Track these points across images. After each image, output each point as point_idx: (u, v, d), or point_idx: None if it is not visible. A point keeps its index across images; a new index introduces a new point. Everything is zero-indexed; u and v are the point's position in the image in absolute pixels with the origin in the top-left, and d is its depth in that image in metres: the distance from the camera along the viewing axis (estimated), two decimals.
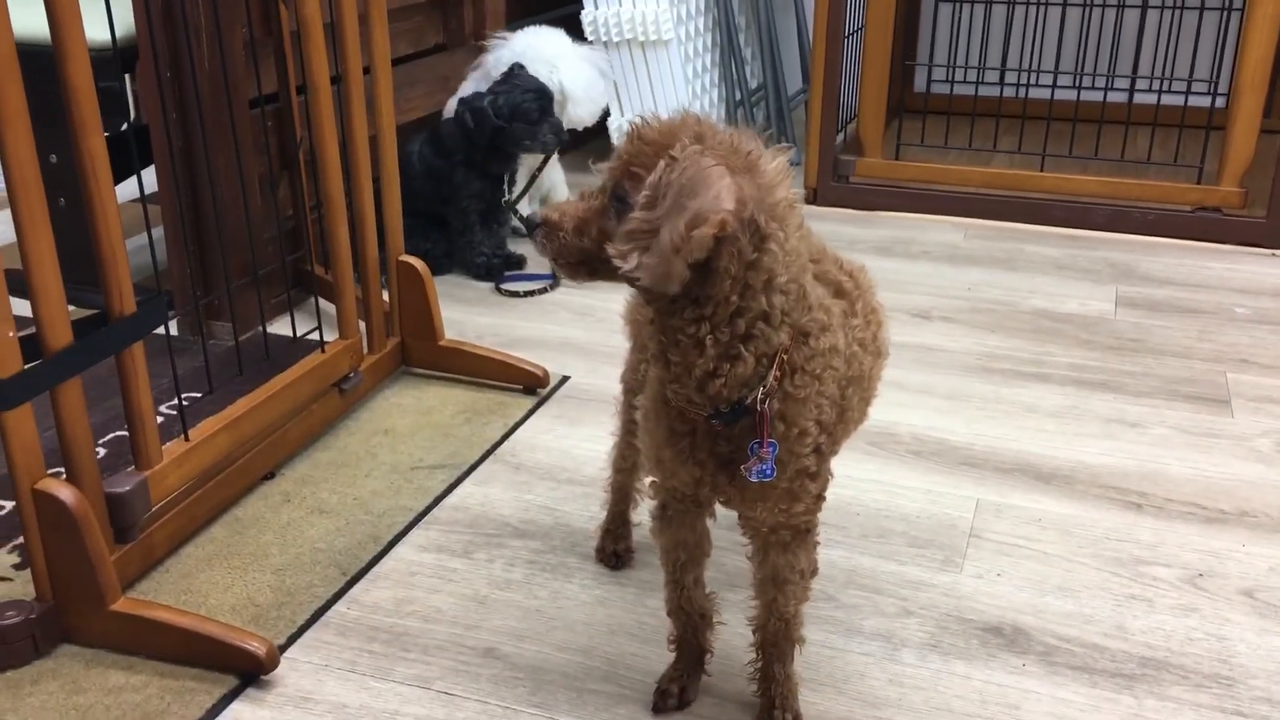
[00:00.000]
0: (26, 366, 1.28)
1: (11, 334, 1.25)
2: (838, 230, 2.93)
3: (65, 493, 1.31)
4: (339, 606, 1.46)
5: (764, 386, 1.01)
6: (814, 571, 1.18)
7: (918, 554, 1.56)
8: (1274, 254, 2.74)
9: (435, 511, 1.67)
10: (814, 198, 3.10)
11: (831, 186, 3.07)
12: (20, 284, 1.29)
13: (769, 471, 1.05)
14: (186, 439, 1.56)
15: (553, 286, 2.52)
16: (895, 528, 1.62)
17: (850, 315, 1.13)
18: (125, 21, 2.13)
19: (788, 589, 1.16)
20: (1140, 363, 2.16)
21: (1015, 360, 2.17)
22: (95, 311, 1.43)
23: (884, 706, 1.28)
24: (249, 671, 1.33)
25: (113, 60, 2.12)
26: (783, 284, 0.97)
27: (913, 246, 2.81)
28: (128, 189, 1.82)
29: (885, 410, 1.96)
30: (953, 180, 2.99)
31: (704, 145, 0.93)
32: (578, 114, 2.77)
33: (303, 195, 2.32)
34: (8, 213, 1.26)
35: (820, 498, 1.12)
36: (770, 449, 1.04)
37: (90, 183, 1.36)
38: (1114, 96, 3.21)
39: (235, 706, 1.29)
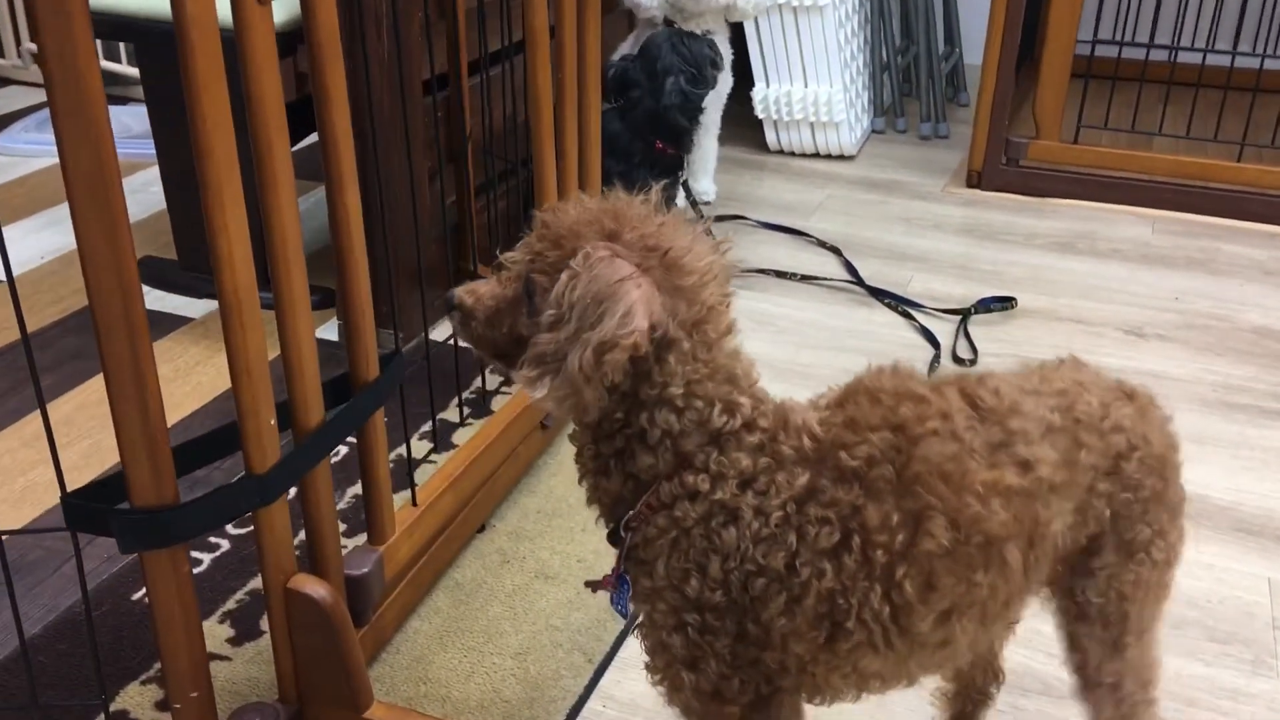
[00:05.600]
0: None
1: (272, 421, 1.10)
2: (1010, 221, 2.72)
3: (320, 590, 1.17)
4: (593, 704, 1.32)
5: (631, 512, 0.89)
6: None
7: (1222, 652, 1.40)
8: None
9: None
10: (978, 181, 2.89)
11: (999, 169, 2.86)
12: (163, 273, 1.08)
13: (619, 607, 0.95)
14: (415, 504, 1.41)
15: None
16: (1188, 615, 1.46)
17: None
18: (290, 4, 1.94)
19: None
20: None
21: (1254, 393, 1.99)
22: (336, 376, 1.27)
23: None
24: None
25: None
26: (676, 399, 0.85)
27: (1099, 243, 2.60)
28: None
29: None
30: (1138, 168, 2.77)
31: (616, 243, 0.83)
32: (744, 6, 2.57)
33: (469, 189, 2.14)
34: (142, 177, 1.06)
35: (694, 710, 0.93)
36: (622, 586, 0.93)
37: (342, 230, 1.19)
38: None
39: None
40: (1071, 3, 2.69)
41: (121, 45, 3.33)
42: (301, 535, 1.20)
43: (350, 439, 1.45)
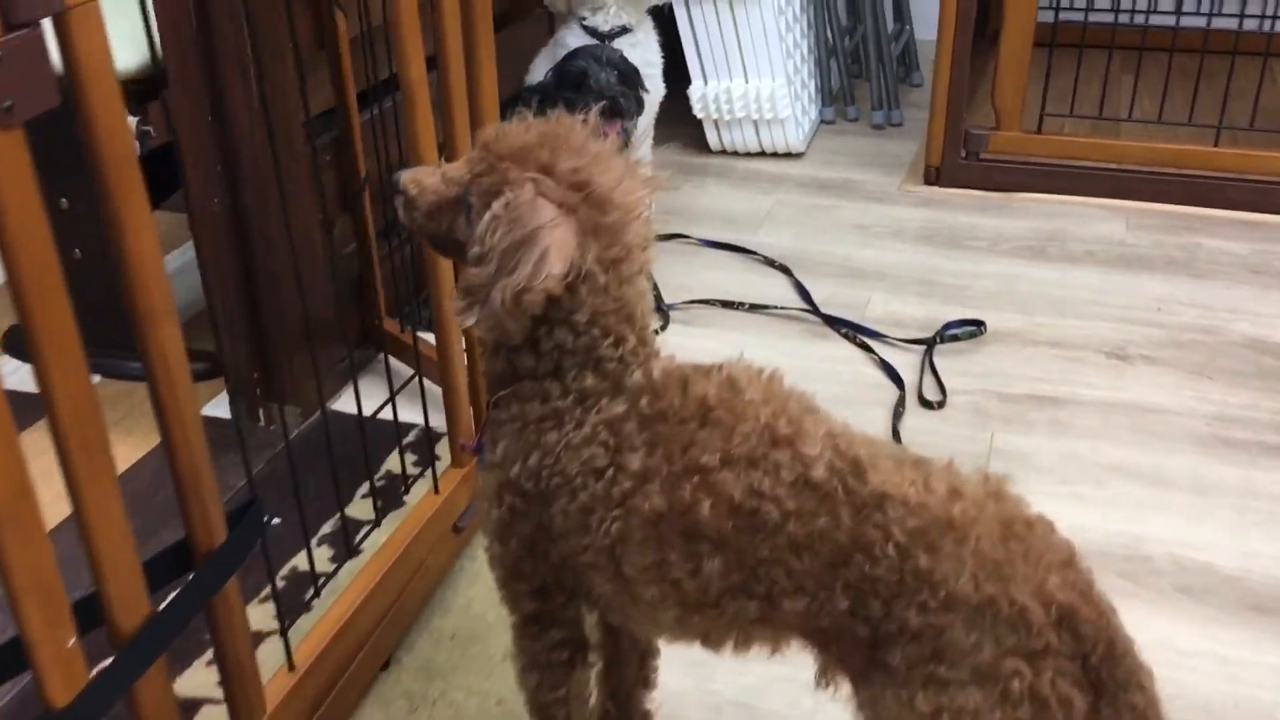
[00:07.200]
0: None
1: (71, 642, 0.87)
2: (974, 223, 2.51)
3: None
4: None
5: (500, 394, 0.99)
6: (521, 665, 1.07)
7: None
8: None
9: None
10: (936, 177, 2.67)
11: (959, 164, 2.64)
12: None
13: (478, 455, 1.05)
14: (291, 668, 1.19)
15: (662, 328, 2.12)
16: None
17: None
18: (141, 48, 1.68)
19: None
20: None
21: (1255, 425, 1.79)
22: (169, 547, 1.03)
23: None
24: None
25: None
26: (579, 324, 0.93)
27: (1070, 244, 2.39)
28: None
29: (1126, 515, 1.60)
30: (1108, 156, 2.55)
31: (550, 176, 0.89)
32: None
33: (368, 241, 1.90)
34: None
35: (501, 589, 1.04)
36: (481, 452, 1.03)
37: (162, 383, 0.96)
38: None
39: None
40: None
41: None
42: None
43: None
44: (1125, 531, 1.56)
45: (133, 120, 2.02)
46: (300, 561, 1.51)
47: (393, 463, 1.69)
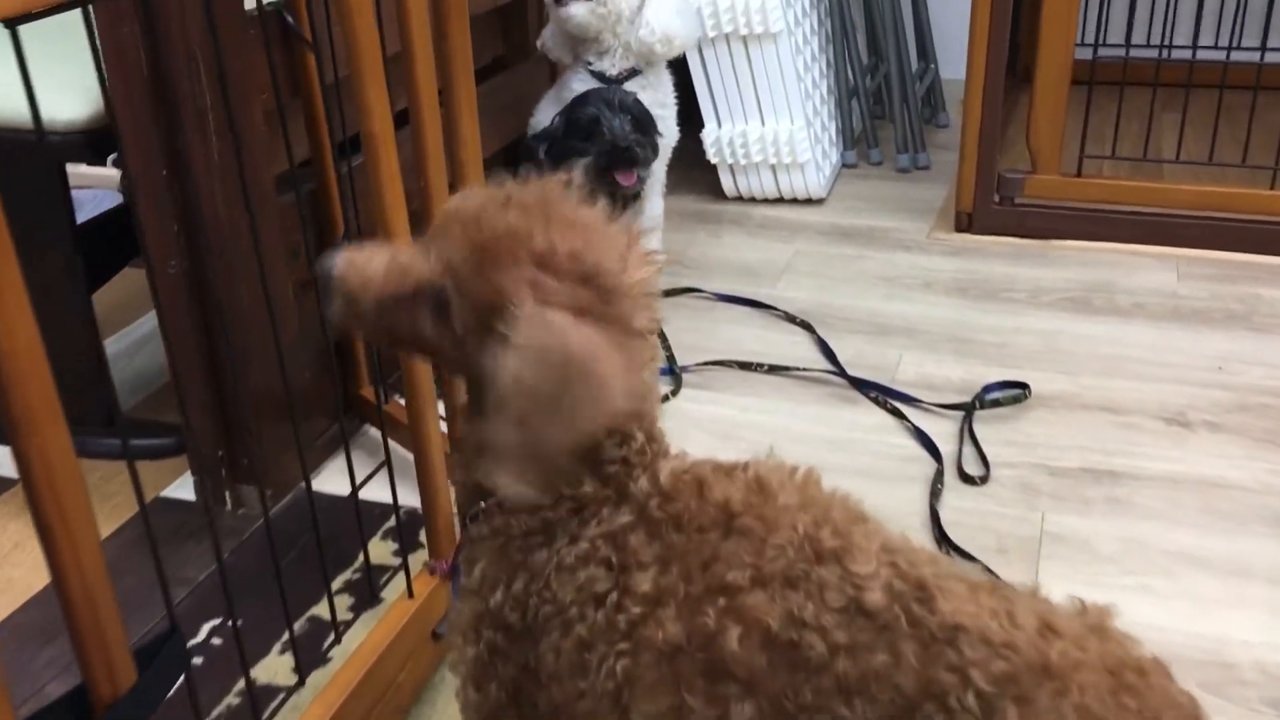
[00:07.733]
0: None
1: None
2: (1010, 273, 2.32)
3: None
4: None
5: (478, 507, 0.85)
6: None
7: None
8: None
9: None
10: (968, 224, 2.49)
11: (992, 209, 2.46)
12: None
13: (455, 596, 0.90)
14: None
15: (674, 392, 1.94)
16: None
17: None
18: (93, 98, 1.54)
19: None
20: None
21: None
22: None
23: None
24: None
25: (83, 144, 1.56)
26: None
27: (1118, 296, 2.21)
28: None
29: (1201, 612, 1.40)
30: (1154, 200, 2.37)
31: (548, 269, 0.73)
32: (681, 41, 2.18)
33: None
34: None
35: None
36: (456, 575, 0.91)
37: (47, 503, 0.78)
38: None
39: None
40: (1068, 11, 2.29)
41: None
42: None
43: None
44: (1203, 633, 1.36)
45: (115, 172, 1.89)
46: (259, 672, 1.34)
47: (371, 551, 1.52)
